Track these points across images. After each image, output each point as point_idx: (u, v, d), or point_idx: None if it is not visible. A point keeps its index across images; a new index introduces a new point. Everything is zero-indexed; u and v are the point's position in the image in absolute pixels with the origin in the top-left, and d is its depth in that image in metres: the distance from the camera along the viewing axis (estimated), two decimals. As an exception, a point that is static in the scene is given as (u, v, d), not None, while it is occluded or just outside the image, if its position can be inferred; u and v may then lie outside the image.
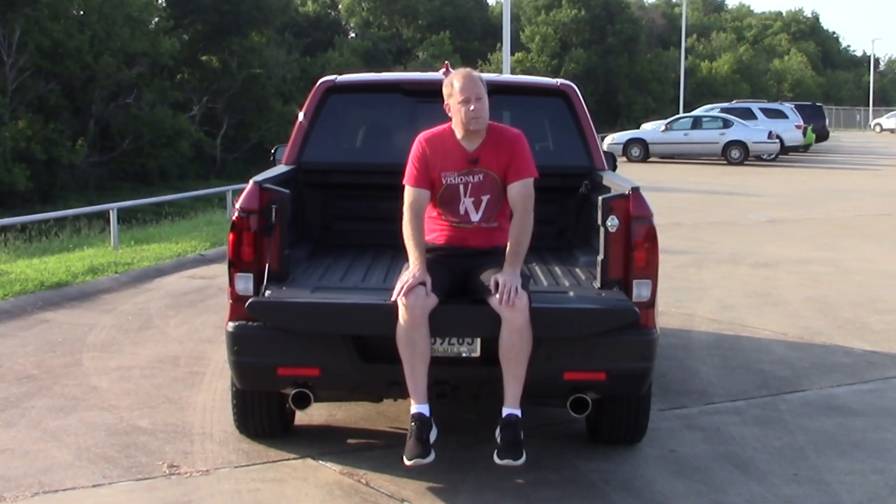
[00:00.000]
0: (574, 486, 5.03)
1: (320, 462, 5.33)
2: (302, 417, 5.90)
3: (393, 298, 4.54)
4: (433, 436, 4.69)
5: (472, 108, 4.74)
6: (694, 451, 5.59)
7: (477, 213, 4.88)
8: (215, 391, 6.59)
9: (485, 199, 4.87)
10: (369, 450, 5.57)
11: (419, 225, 4.80)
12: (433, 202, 4.91)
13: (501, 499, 4.88)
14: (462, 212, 4.88)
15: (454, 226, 4.92)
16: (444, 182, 4.83)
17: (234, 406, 5.52)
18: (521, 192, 4.86)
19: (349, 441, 5.74)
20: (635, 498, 4.92)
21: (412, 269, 4.66)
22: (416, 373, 4.58)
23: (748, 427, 6.02)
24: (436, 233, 4.99)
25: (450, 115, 4.87)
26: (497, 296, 4.56)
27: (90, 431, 5.81)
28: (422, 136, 4.96)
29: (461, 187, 4.84)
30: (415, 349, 4.54)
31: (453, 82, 4.82)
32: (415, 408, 4.66)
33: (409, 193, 4.88)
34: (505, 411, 4.67)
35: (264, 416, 5.51)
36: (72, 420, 6.02)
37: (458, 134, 4.87)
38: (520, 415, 4.66)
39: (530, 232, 4.87)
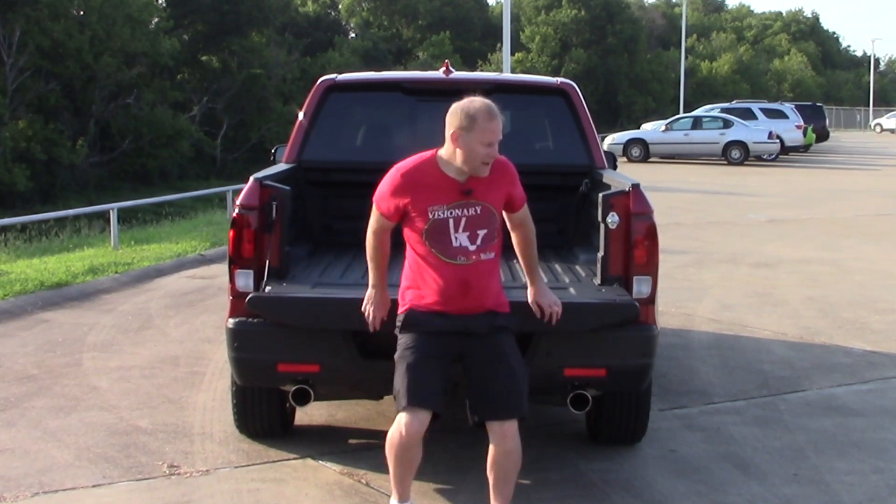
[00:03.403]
0: (574, 486, 5.03)
1: (320, 462, 5.32)
2: (302, 417, 5.90)
3: (372, 327, 4.37)
4: None
5: (489, 152, 4.14)
6: (694, 451, 5.59)
7: (473, 245, 4.21)
8: (215, 391, 6.59)
9: (481, 233, 4.22)
10: (369, 450, 5.57)
11: (383, 246, 4.36)
12: (419, 236, 4.22)
13: (501, 498, 4.87)
14: (455, 245, 4.20)
15: (449, 264, 4.19)
16: (430, 217, 4.19)
17: (234, 406, 5.53)
18: (525, 217, 4.50)
19: (349, 441, 5.74)
20: (635, 498, 4.92)
21: (375, 294, 4.40)
22: (405, 479, 4.31)
23: (748, 427, 6.01)
24: (429, 285, 4.23)
25: (455, 144, 4.16)
26: (545, 318, 4.42)
27: (90, 431, 5.81)
28: (401, 170, 4.27)
29: (451, 221, 4.18)
30: (408, 462, 4.26)
31: (477, 118, 4.12)
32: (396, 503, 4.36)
33: (375, 217, 4.34)
34: None
35: (264, 415, 5.51)
36: (72, 420, 6.02)
37: (455, 167, 4.20)
38: None
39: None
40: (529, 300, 4.49)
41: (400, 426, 4.19)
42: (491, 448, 4.24)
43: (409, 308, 4.26)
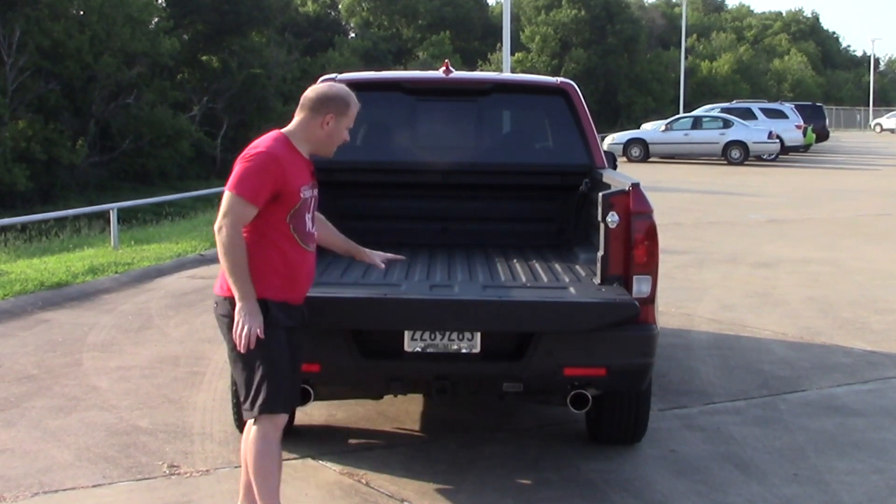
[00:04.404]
0: (574, 486, 5.03)
1: (320, 462, 5.32)
2: (302, 417, 5.90)
3: (244, 345, 3.96)
4: None
5: (346, 135, 4.27)
6: (694, 451, 5.59)
7: (314, 228, 4.29)
8: (215, 391, 6.59)
9: (314, 215, 4.33)
10: (369, 450, 5.57)
11: (244, 243, 4.02)
12: (284, 220, 4.11)
13: (501, 499, 4.88)
14: (308, 228, 4.23)
15: (304, 250, 4.19)
16: (301, 196, 4.15)
17: (234, 406, 5.53)
18: None
19: (349, 441, 5.74)
20: (635, 498, 4.92)
21: (249, 307, 3.97)
22: (276, 481, 4.19)
23: (748, 427, 6.01)
24: (282, 274, 4.10)
25: (325, 127, 4.18)
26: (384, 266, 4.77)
27: (90, 431, 5.81)
28: (273, 153, 4.09)
29: (308, 201, 4.22)
30: (278, 467, 4.21)
31: (350, 104, 4.23)
32: None
33: (241, 208, 3.99)
34: None
35: (264, 415, 5.50)
36: (72, 420, 6.02)
37: (309, 148, 4.22)
38: None
39: None
40: (360, 258, 4.77)
41: (270, 434, 4.11)
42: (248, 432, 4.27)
43: (264, 299, 4.04)
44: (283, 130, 4.22)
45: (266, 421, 4.10)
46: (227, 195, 4.03)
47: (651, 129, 35.72)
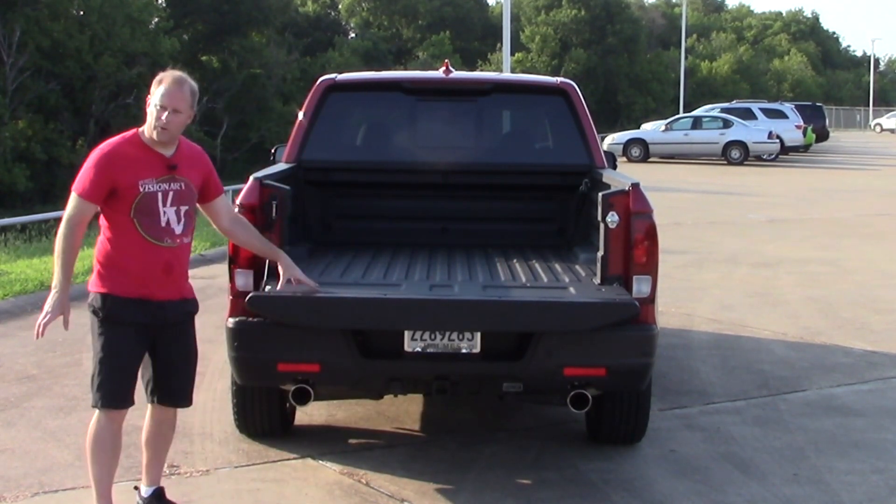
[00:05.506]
0: (574, 486, 5.03)
1: (320, 462, 5.32)
2: (302, 417, 5.90)
3: (36, 333, 4.14)
4: None
5: (164, 117, 4.20)
6: (694, 451, 5.59)
7: (179, 224, 4.31)
8: (215, 391, 6.59)
9: (184, 209, 4.33)
10: (369, 450, 5.57)
11: (77, 240, 4.21)
12: (127, 214, 4.22)
13: (501, 499, 4.88)
14: (164, 223, 4.27)
15: (156, 246, 4.26)
16: (141, 190, 4.21)
17: (234, 406, 5.53)
18: (226, 205, 4.69)
19: (349, 441, 5.74)
20: (635, 498, 4.92)
21: (57, 297, 4.13)
22: (109, 476, 4.34)
23: (748, 427, 6.02)
24: (130, 270, 4.24)
25: (146, 109, 4.30)
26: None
27: (90, 431, 5.80)
28: (106, 150, 4.24)
29: (160, 195, 4.25)
30: (115, 453, 4.34)
31: (163, 81, 4.26)
32: None
33: (76, 204, 4.21)
34: (150, 490, 4.50)
35: (265, 415, 5.51)
36: (72, 420, 6.02)
37: (151, 139, 4.29)
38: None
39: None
40: (287, 276, 4.73)
41: (101, 424, 4.26)
42: (155, 424, 4.47)
43: (108, 294, 4.20)
44: (140, 128, 4.34)
45: (100, 413, 4.25)
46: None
47: (651, 130, 35.72)
